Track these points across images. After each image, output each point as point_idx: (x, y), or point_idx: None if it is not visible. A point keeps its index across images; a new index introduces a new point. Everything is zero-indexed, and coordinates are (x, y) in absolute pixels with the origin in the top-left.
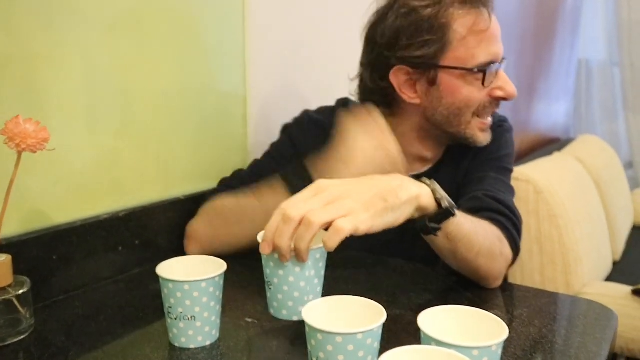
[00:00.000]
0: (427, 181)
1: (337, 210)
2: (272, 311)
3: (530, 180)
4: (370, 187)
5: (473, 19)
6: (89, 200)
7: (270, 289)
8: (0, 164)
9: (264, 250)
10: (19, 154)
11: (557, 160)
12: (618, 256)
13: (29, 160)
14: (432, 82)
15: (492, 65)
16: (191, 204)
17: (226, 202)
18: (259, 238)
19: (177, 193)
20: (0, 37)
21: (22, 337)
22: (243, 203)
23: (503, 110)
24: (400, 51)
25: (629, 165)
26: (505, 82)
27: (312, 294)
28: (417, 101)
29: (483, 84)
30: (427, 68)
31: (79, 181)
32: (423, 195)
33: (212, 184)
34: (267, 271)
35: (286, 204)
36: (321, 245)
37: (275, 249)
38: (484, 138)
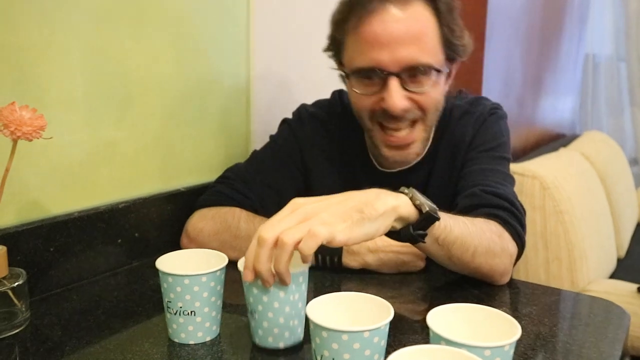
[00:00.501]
0: (405, 190)
1: (310, 225)
2: (256, 340)
3: (536, 176)
4: (346, 201)
5: (357, 19)
6: (87, 191)
7: (254, 317)
8: None
9: (247, 277)
10: (14, 141)
11: (563, 156)
12: (622, 253)
13: (25, 149)
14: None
15: (372, 71)
16: (192, 196)
17: (242, 222)
18: (240, 266)
19: (177, 185)
20: None
21: (18, 330)
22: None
23: (510, 104)
24: (335, 59)
25: (634, 162)
26: (388, 93)
27: (296, 318)
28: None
29: (354, 88)
30: (341, 66)
31: (77, 172)
32: (401, 205)
33: (213, 176)
34: (250, 299)
35: (261, 227)
36: (302, 268)
37: (257, 275)
38: (389, 154)
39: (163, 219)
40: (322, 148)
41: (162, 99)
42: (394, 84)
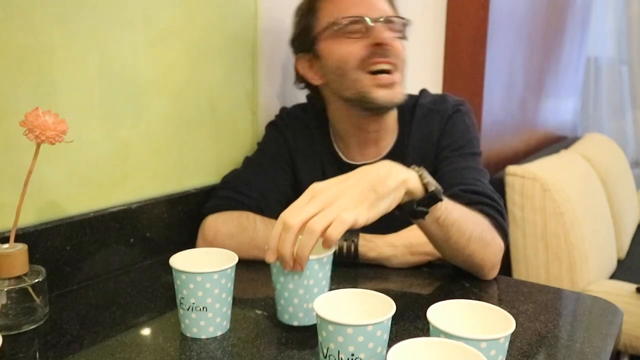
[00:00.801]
0: (416, 167)
1: (335, 212)
2: (277, 314)
3: (537, 177)
4: (360, 181)
5: None
6: (102, 192)
7: (275, 293)
8: (18, 156)
9: (269, 258)
10: (38, 145)
11: (564, 158)
12: (623, 254)
13: (45, 151)
14: (317, 55)
15: (358, 22)
16: (202, 197)
17: (258, 224)
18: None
19: (188, 186)
20: (17, 31)
21: (38, 324)
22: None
23: (511, 107)
24: (293, 42)
25: (635, 164)
26: (377, 30)
27: (311, 302)
28: (319, 81)
29: (337, 44)
30: (310, 45)
31: (93, 173)
32: (410, 179)
33: (222, 177)
34: (273, 277)
35: (285, 213)
36: (321, 255)
37: (279, 257)
38: (384, 94)
39: (174, 219)
40: (305, 144)
41: (174, 102)
42: (379, 24)
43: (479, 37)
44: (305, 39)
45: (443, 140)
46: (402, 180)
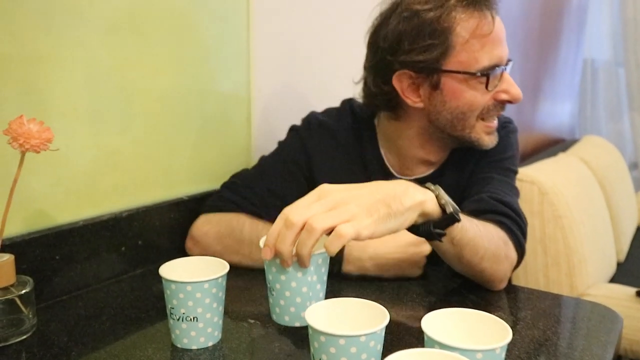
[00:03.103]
0: (432, 187)
1: (340, 216)
2: (274, 317)
3: (535, 181)
4: (374, 193)
5: (476, 22)
6: (91, 200)
7: (272, 294)
8: (3, 164)
9: (266, 255)
10: (23, 154)
11: (561, 161)
12: (622, 257)
13: (31, 160)
14: (436, 86)
15: (496, 68)
16: (194, 205)
17: (245, 227)
18: (261, 243)
19: (180, 193)
20: (1, 38)
21: (25, 337)
22: (263, 234)
23: (509, 110)
24: (403, 55)
25: (633, 166)
26: (509, 84)
27: (314, 299)
28: (420, 105)
29: (487, 87)
30: (430, 72)
31: (82, 181)
32: (427, 201)
33: (216, 184)
34: (270, 277)
35: (288, 209)
36: (323, 250)
37: (277, 255)
38: (489, 141)
39: (166, 227)
40: (331, 156)
41: (164, 108)
42: (507, 76)
43: None
44: (424, 62)
45: (484, 152)
46: (419, 201)
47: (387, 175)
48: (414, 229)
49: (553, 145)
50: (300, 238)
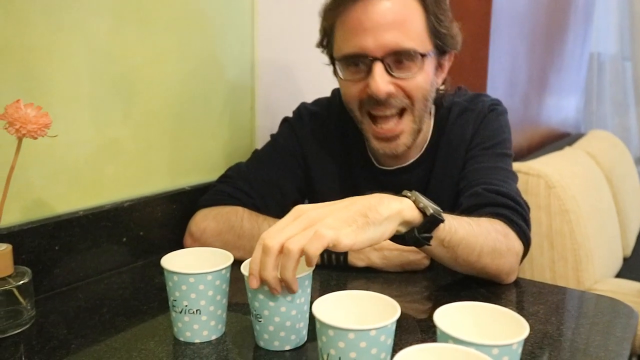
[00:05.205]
0: (408, 193)
1: (317, 229)
2: (261, 343)
3: (542, 175)
4: (349, 206)
5: (347, 10)
6: (92, 189)
7: (259, 321)
8: (0, 151)
9: (253, 284)
10: (19, 139)
11: (568, 155)
12: (628, 252)
13: (30, 147)
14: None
15: (357, 57)
16: (197, 195)
17: (244, 221)
18: (243, 270)
19: (182, 183)
20: (1, 24)
21: (23, 328)
22: (263, 227)
23: (514, 103)
24: (327, 53)
25: (639, 161)
26: (372, 78)
27: (302, 321)
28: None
29: (341, 76)
30: (331, 60)
31: (82, 170)
32: (405, 209)
33: (218, 174)
34: (256, 304)
35: (265, 235)
36: (307, 271)
37: (263, 283)
38: (379, 146)
39: (168, 218)
40: (322, 146)
41: (166, 97)
42: (378, 68)
43: (482, 33)
44: (327, 53)
45: (475, 138)
46: (396, 210)
47: (368, 166)
48: (400, 239)
49: (559, 140)
50: (282, 263)
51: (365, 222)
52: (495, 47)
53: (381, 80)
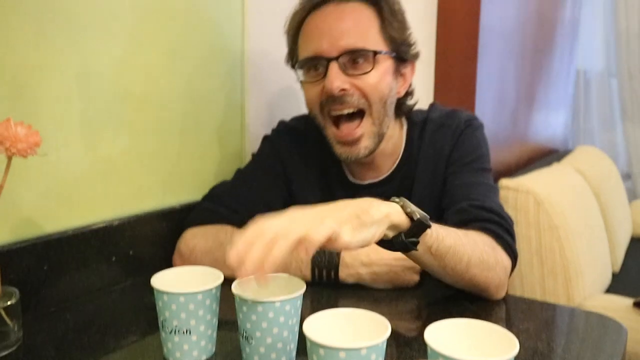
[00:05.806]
0: (396, 199)
1: (317, 223)
2: None
3: (530, 191)
4: (342, 208)
5: (307, 20)
6: (81, 209)
7: (249, 343)
8: None
9: (241, 274)
10: (9, 158)
11: (556, 171)
12: (617, 268)
13: (20, 166)
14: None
15: (315, 60)
16: (188, 213)
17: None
18: (234, 290)
19: (173, 202)
20: None
21: (10, 350)
22: None
23: (503, 120)
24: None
25: (626, 177)
26: (327, 77)
27: (293, 342)
28: None
29: (301, 79)
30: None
31: (72, 189)
32: (393, 213)
33: None
34: (247, 325)
35: (262, 224)
36: (300, 291)
37: (246, 264)
38: (342, 151)
39: (158, 237)
40: (301, 160)
41: (157, 116)
42: (333, 67)
43: (470, 51)
44: (292, 64)
45: (453, 154)
46: (385, 213)
47: (342, 180)
48: (387, 244)
49: (547, 155)
50: (274, 242)
51: (359, 223)
52: (483, 64)
53: (335, 77)
